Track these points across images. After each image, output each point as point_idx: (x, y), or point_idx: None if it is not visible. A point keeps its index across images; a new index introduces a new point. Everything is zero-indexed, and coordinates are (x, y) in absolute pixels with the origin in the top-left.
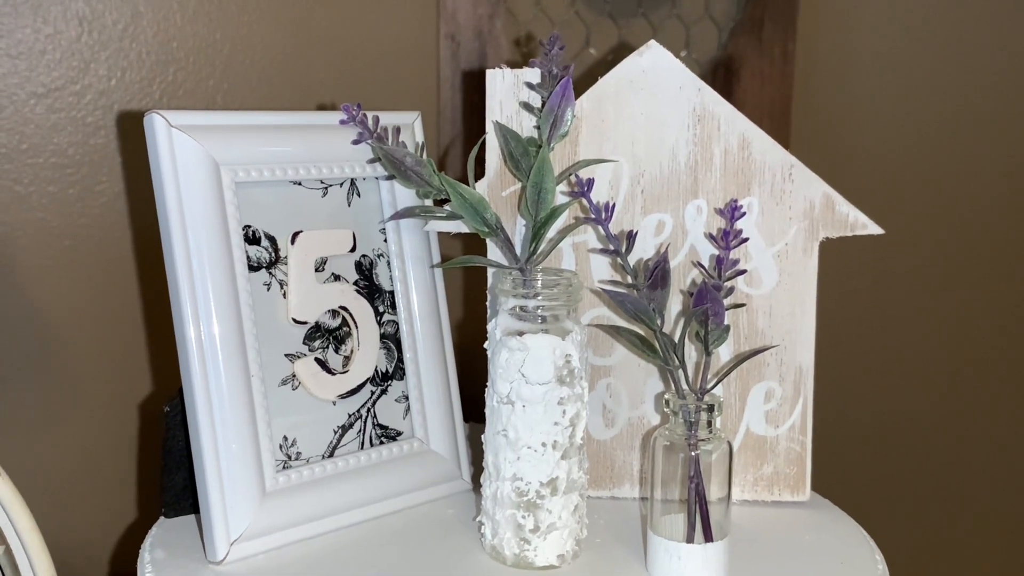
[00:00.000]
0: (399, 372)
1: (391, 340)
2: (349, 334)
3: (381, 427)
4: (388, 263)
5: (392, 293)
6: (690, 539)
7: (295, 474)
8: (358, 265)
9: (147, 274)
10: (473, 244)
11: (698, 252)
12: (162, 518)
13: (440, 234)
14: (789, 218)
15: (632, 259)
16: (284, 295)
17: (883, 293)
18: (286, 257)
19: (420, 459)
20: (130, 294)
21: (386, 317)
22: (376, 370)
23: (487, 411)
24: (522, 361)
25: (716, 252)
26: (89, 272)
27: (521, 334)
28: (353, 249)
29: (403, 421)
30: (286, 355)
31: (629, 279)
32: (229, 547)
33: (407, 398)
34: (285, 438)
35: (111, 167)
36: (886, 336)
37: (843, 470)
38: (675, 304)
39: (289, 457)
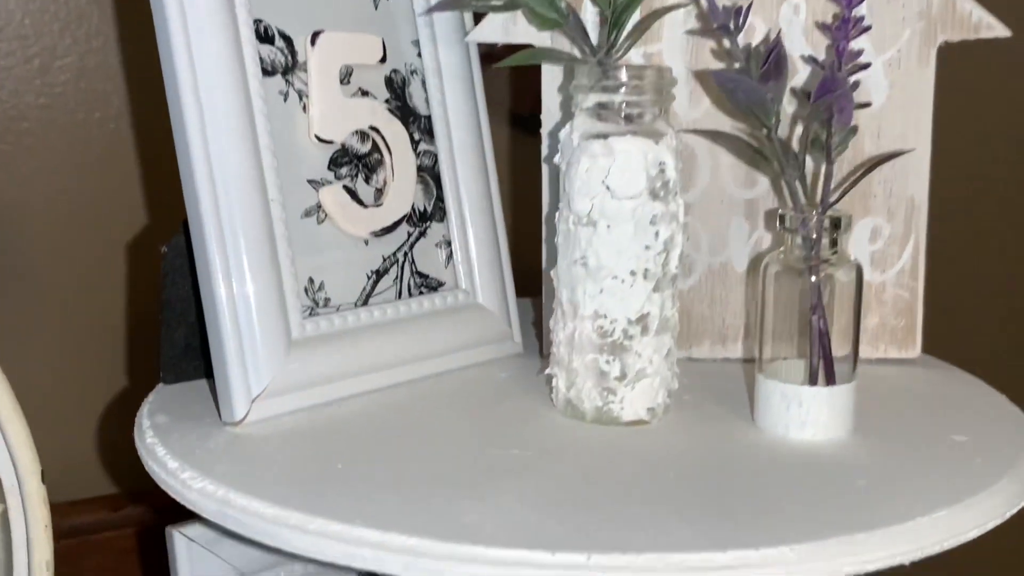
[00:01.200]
0: (439, 212)
1: (428, 174)
2: (381, 162)
3: (421, 275)
4: (423, 83)
5: (428, 118)
6: (812, 381)
7: (324, 322)
8: (388, 81)
9: (140, 116)
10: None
11: (795, 63)
12: (160, 385)
13: (481, 50)
14: (902, 19)
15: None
16: (304, 109)
17: (1012, 109)
18: (305, 63)
19: (466, 314)
20: (108, 150)
21: (422, 147)
22: (413, 208)
23: (559, 239)
24: (607, 169)
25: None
26: (52, 153)
27: (605, 138)
28: (383, 60)
29: (445, 270)
30: (309, 181)
31: (737, 66)
32: (250, 405)
33: (448, 244)
34: (311, 280)
35: (75, 38)
36: (1013, 161)
37: (959, 328)
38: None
39: (316, 303)
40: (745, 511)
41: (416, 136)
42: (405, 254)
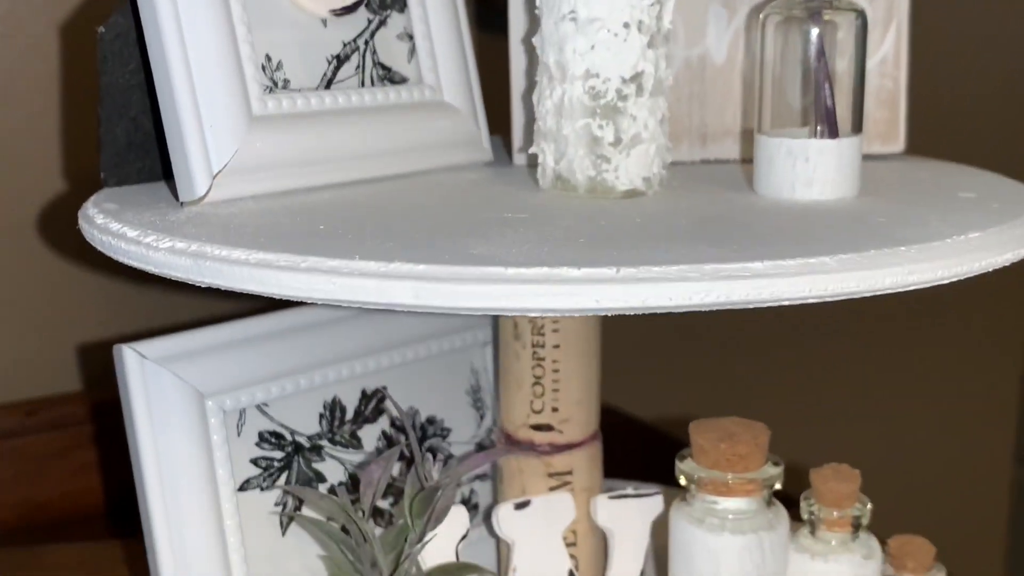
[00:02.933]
0: (399, 2)
1: None
2: None
3: (384, 68)
4: None
5: None
6: (819, 134)
7: (287, 100)
8: None
9: None
10: None
11: None
12: (104, 189)
13: None
14: None
15: None
16: None
17: None
18: None
19: (432, 111)
20: None
21: None
22: None
23: None
24: None
25: None
26: None
27: None
28: None
29: (408, 65)
30: None
31: None
32: (211, 180)
33: (411, 37)
34: (268, 58)
35: None
36: None
37: (944, 129)
38: None
39: (275, 83)
40: (774, 240)
41: None
42: (366, 42)
